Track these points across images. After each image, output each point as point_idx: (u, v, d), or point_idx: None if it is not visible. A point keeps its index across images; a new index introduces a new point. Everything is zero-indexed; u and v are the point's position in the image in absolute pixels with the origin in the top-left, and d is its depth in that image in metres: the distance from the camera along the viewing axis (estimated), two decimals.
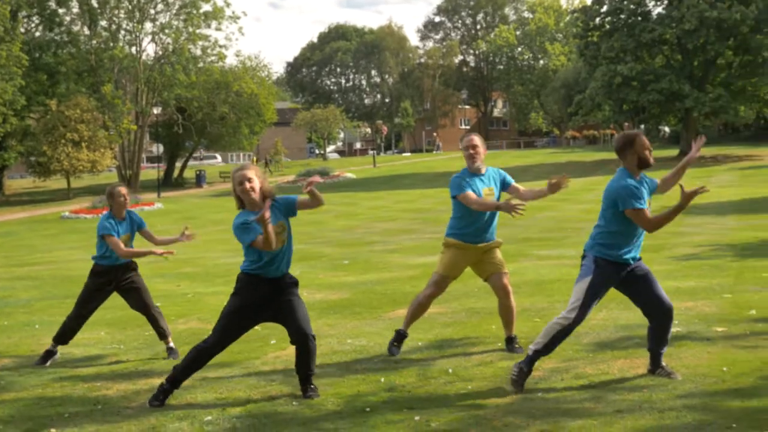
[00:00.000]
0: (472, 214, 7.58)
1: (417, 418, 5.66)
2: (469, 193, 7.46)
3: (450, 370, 7.06)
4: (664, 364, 6.48)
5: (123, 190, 8.52)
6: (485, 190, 7.66)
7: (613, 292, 11.39)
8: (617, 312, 9.53)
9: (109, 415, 6.18)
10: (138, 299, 8.54)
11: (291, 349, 8.17)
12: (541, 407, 5.79)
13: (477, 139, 7.84)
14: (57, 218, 42.63)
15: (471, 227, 7.66)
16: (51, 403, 6.65)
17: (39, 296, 14.10)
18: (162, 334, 8.52)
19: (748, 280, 11.49)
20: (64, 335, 8.42)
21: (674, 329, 8.14)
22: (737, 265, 13.17)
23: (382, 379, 6.90)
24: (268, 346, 8.61)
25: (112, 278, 8.47)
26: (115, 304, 12.22)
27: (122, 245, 8.26)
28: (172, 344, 8.53)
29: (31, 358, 8.64)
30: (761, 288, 10.68)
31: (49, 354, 8.36)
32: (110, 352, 8.78)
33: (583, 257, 6.47)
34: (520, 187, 7.96)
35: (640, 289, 6.42)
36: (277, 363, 7.79)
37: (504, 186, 7.89)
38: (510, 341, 7.82)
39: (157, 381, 7.19)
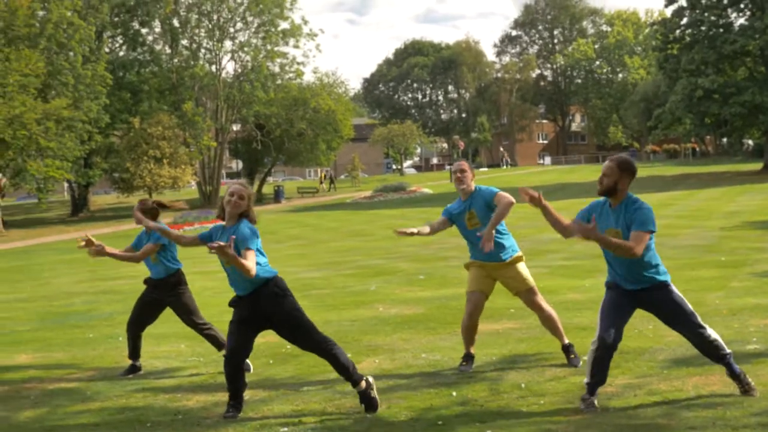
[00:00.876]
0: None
1: (489, 431, 5.72)
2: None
3: (523, 385, 7.11)
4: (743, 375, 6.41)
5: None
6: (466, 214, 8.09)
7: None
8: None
9: (188, 425, 6.38)
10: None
11: (365, 363, 8.33)
12: (613, 423, 5.81)
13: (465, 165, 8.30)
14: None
15: (475, 247, 7.99)
16: (134, 412, 6.89)
17: (122, 310, 14.44)
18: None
19: None
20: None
21: (752, 346, 8.10)
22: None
23: (455, 393, 6.98)
24: None
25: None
26: None
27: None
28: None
29: (114, 369, 8.91)
30: None
31: None
32: (190, 364, 8.99)
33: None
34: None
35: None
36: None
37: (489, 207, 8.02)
38: (566, 350, 7.95)
39: None
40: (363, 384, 6.49)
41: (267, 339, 10.40)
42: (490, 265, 7.95)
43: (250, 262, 6.40)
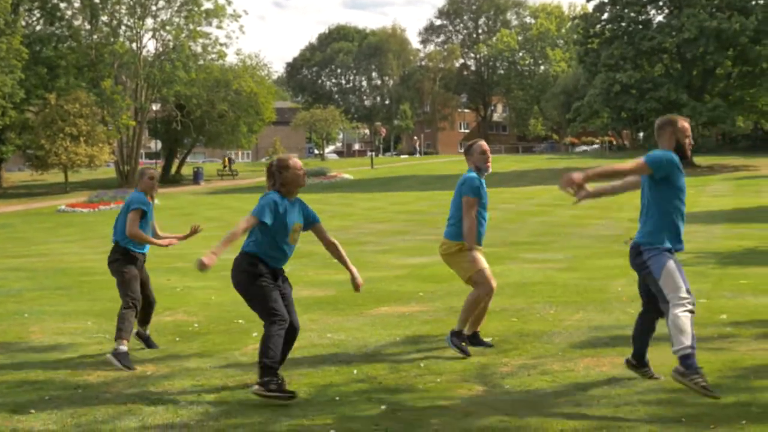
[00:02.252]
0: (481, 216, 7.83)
1: (384, 407, 5.88)
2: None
3: (422, 364, 7.29)
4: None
5: (154, 172, 8.55)
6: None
7: (590, 293, 11.63)
8: (593, 314, 9.75)
9: (88, 399, 6.41)
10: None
11: None
12: (505, 400, 6.02)
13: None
14: (53, 211, 42.78)
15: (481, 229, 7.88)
16: (33, 386, 6.88)
17: (31, 287, 14.28)
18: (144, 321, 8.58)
19: (726, 287, 11.69)
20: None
21: None
22: (718, 272, 13.37)
23: (355, 371, 7.13)
24: (249, 338, 8.83)
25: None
26: (103, 296, 12.47)
27: (137, 224, 8.07)
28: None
29: (17, 344, 8.85)
30: (736, 294, 10.90)
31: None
32: (95, 340, 8.97)
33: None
34: None
35: None
36: (256, 355, 7.96)
37: None
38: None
39: (138, 368, 7.42)
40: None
41: (175, 318, 10.45)
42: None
43: None
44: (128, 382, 6.96)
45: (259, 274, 6.55)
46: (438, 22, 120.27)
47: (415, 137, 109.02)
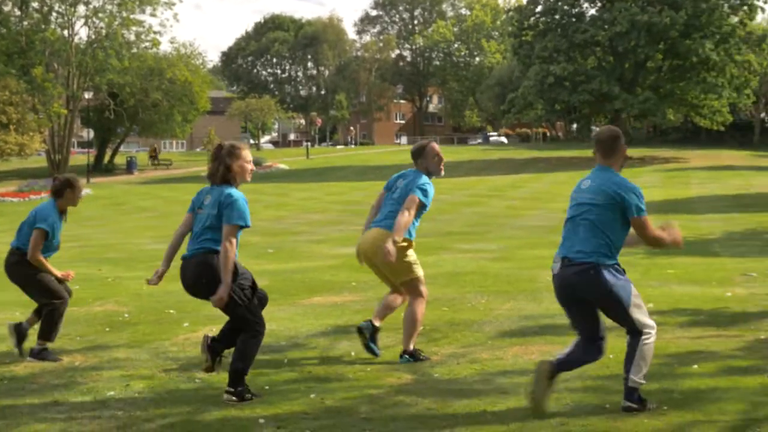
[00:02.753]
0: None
1: (313, 395, 5.92)
2: None
3: (353, 353, 7.33)
4: None
5: (81, 184, 8.11)
6: None
7: (521, 283, 11.78)
8: (524, 303, 9.89)
9: (13, 390, 6.34)
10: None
11: (201, 332, 8.39)
12: (433, 387, 6.09)
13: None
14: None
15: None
16: None
17: None
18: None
19: (653, 276, 11.94)
20: None
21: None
22: (646, 262, 13.62)
23: (285, 360, 7.16)
24: (180, 328, 8.80)
25: None
26: None
27: (39, 247, 7.50)
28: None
29: None
30: (662, 283, 11.14)
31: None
32: (32, 332, 8.84)
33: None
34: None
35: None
36: (187, 344, 7.97)
37: None
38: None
39: (66, 359, 7.34)
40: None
41: (105, 308, 10.36)
42: None
43: None
44: (55, 373, 6.89)
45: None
46: (374, 13, 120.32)
47: (351, 128, 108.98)
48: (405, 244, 7.18)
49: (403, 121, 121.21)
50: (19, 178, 53.60)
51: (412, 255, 7.29)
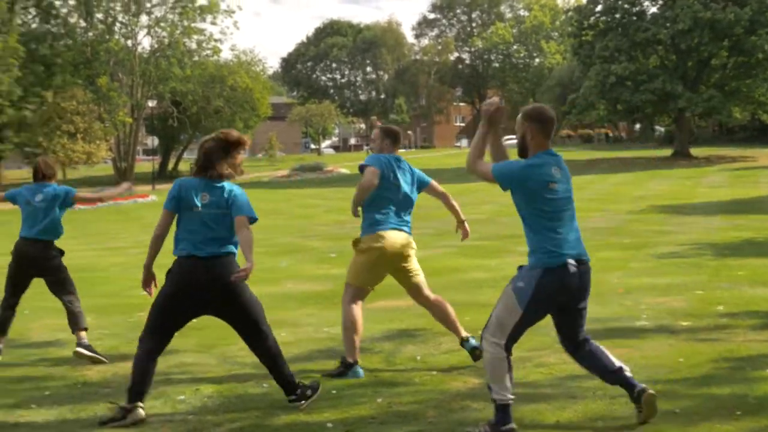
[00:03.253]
0: None
1: (380, 400, 5.94)
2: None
3: (418, 357, 7.34)
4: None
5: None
6: None
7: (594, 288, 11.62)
8: (590, 306, 9.76)
9: (87, 395, 6.47)
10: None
11: None
12: None
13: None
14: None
15: None
16: (34, 382, 6.95)
17: (31, 284, 14.28)
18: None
19: (723, 278, 11.73)
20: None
21: (641, 323, 8.45)
22: (715, 264, 13.40)
23: None
24: None
25: None
26: (101, 291, 12.52)
27: None
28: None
29: (17, 341, 8.90)
30: (732, 285, 10.94)
31: None
32: (95, 336, 8.99)
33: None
34: None
35: None
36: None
37: None
38: None
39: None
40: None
41: None
42: None
43: None
44: (127, 377, 6.97)
45: None
46: (432, 16, 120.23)
47: (409, 132, 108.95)
48: None
49: (463, 124, 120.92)
50: (87, 186, 54.48)
51: None
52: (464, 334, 7.19)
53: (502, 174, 5.43)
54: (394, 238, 7.11)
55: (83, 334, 7.94)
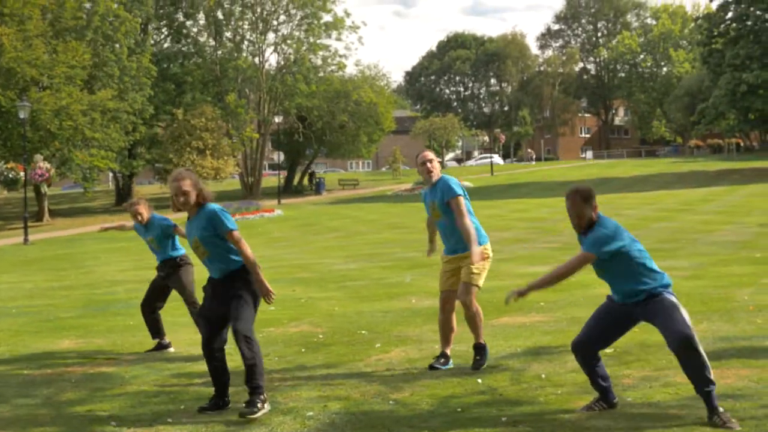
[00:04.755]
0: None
1: (504, 419, 5.98)
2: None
3: (543, 376, 7.34)
4: (721, 410, 5.68)
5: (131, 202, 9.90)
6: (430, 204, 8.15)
7: (715, 302, 11.37)
8: (719, 324, 9.59)
9: (224, 410, 6.69)
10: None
11: (394, 353, 8.62)
12: (626, 412, 6.03)
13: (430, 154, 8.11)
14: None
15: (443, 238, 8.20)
16: (169, 396, 7.23)
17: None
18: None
19: None
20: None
21: None
22: None
23: (479, 381, 7.25)
24: (372, 349, 9.02)
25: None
26: None
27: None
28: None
29: (152, 355, 9.27)
30: None
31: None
32: (227, 351, 9.27)
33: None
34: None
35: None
36: (379, 365, 8.18)
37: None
38: (476, 349, 7.93)
39: (267, 377, 7.68)
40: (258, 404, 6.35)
41: (300, 329, 10.72)
42: (455, 257, 8.00)
43: (245, 246, 6.66)
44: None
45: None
46: (556, 27, 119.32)
47: (529, 150, 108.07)
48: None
49: (588, 135, 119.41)
50: (215, 201, 55.94)
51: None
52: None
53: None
54: None
55: None
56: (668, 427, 5.62)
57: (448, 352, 7.99)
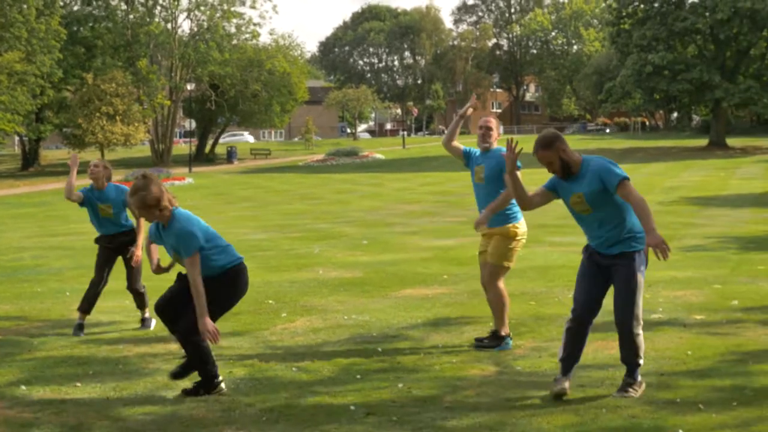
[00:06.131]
0: None
1: (401, 385, 6.34)
2: None
3: (440, 345, 7.73)
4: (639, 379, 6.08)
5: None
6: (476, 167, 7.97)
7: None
8: (609, 298, 10.07)
9: (128, 374, 6.93)
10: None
11: (299, 322, 8.92)
12: (514, 380, 6.46)
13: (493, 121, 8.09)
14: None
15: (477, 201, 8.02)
16: (77, 362, 7.41)
17: (71, 265, 14.83)
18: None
19: (743, 272, 11.99)
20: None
21: (656, 316, 8.77)
22: (737, 258, 13.65)
23: (380, 349, 7.61)
24: (278, 318, 9.30)
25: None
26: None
27: None
28: (147, 314, 9.17)
29: (60, 322, 9.39)
30: (751, 280, 11.20)
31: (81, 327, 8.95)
32: (133, 319, 9.46)
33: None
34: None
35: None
36: (284, 334, 8.48)
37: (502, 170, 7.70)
38: (495, 336, 7.69)
39: (173, 346, 7.91)
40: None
41: None
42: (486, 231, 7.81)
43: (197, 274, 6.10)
44: (164, 358, 7.45)
45: None
46: (471, 2, 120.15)
47: (441, 126, 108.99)
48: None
49: (499, 110, 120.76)
50: (125, 168, 55.30)
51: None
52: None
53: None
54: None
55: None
56: (549, 391, 6.04)
57: (503, 332, 7.69)
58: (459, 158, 8.23)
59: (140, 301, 9.20)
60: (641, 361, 6.06)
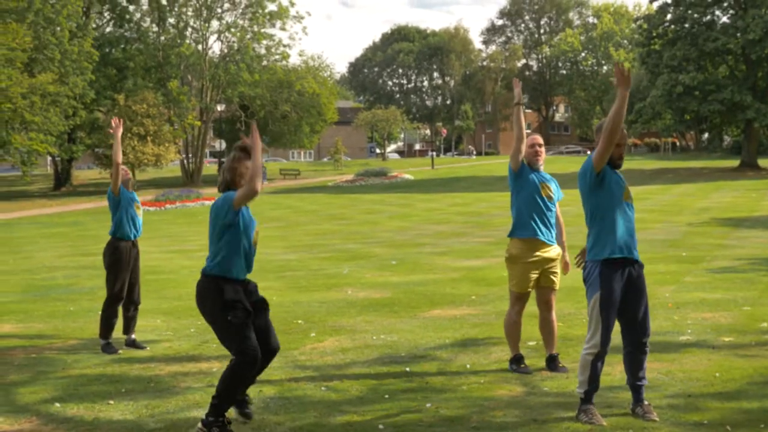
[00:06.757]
0: None
1: (428, 405, 6.40)
2: None
3: (468, 366, 7.76)
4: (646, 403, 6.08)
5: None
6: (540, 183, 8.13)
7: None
8: None
9: (160, 392, 7.02)
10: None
11: (328, 342, 8.99)
12: (541, 401, 6.49)
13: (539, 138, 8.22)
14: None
15: None
16: (110, 379, 7.53)
17: (103, 285, 14.92)
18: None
19: None
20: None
21: (684, 337, 8.76)
22: (767, 280, 13.56)
23: (408, 369, 7.69)
24: (308, 338, 9.37)
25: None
26: (170, 294, 13.13)
27: None
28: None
29: (93, 341, 9.50)
30: None
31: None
32: (164, 338, 9.58)
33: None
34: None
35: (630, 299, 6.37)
36: (313, 353, 8.55)
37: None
38: (551, 360, 7.75)
39: (204, 365, 8.02)
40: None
41: None
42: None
43: None
44: (196, 377, 7.55)
45: (229, 304, 6.08)
46: (500, 23, 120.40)
47: (470, 146, 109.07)
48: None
49: (529, 131, 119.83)
50: (155, 188, 55.74)
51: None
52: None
53: None
54: None
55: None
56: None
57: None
58: (515, 164, 8.26)
59: (134, 323, 9.32)
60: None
